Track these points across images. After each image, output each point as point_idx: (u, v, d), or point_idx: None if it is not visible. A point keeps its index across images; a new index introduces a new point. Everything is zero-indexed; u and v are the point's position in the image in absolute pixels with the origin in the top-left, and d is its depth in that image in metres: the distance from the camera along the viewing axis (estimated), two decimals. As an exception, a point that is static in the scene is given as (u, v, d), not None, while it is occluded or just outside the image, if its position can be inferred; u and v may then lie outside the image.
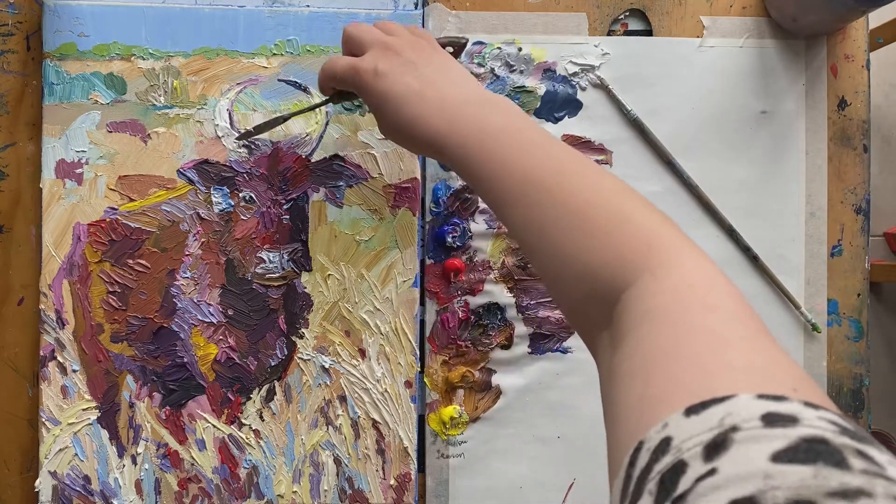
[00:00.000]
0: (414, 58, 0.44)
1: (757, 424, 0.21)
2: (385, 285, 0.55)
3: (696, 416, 0.23)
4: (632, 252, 0.32)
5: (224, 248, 0.55)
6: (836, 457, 0.20)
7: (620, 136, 0.57)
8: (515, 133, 0.40)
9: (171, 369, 0.54)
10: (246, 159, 0.55)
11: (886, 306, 1.44)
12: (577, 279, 0.34)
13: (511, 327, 0.56)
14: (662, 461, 0.22)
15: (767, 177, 0.58)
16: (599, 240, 0.34)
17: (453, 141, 0.41)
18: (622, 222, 0.34)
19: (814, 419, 0.22)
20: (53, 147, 0.54)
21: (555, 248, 0.35)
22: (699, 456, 0.21)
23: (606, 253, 0.33)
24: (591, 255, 0.34)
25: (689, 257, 0.32)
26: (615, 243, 0.33)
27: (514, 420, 0.56)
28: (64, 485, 0.54)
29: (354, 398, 0.55)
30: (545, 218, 0.36)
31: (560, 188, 0.36)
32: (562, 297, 0.37)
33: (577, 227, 0.34)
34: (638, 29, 0.58)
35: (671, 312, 0.29)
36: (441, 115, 0.42)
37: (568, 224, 0.35)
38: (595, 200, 0.35)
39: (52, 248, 0.54)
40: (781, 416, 0.22)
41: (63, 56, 0.54)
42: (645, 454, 0.24)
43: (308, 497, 0.55)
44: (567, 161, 0.38)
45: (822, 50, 0.58)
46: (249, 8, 0.55)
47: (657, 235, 0.33)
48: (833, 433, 0.21)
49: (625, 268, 0.32)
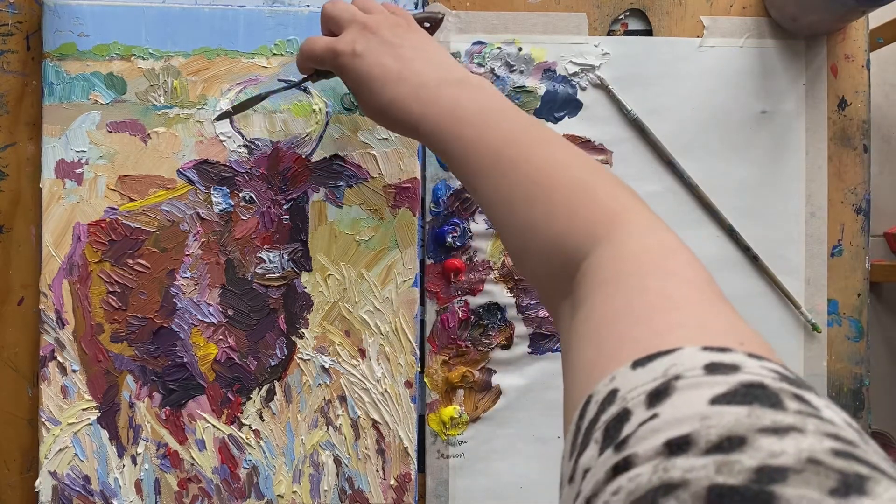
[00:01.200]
0: (391, 37, 0.44)
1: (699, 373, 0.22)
2: (385, 285, 0.55)
3: (641, 368, 0.23)
4: (594, 222, 0.33)
5: (224, 248, 0.55)
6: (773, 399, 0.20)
7: (620, 136, 0.57)
8: (487, 110, 0.40)
9: (171, 369, 0.54)
10: (246, 159, 0.55)
11: (886, 306, 1.44)
12: (542, 250, 0.35)
13: (511, 327, 0.56)
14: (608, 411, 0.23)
15: (767, 177, 0.58)
16: (563, 211, 0.34)
17: (429, 122, 0.41)
18: (586, 193, 0.34)
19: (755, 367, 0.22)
20: (53, 147, 0.54)
21: (522, 220, 0.36)
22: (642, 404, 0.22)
23: (569, 223, 0.34)
24: (555, 226, 0.34)
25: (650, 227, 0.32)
26: (578, 213, 0.34)
27: (514, 420, 0.56)
28: (64, 485, 0.54)
29: (354, 398, 0.55)
30: (513, 191, 0.36)
31: (527, 162, 0.37)
32: (528, 269, 0.37)
33: (543, 198, 0.35)
34: (638, 29, 0.58)
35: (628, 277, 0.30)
36: (417, 96, 0.42)
37: (534, 196, 0.35)
38: (561, 173, 0.36)
39: (52, 248, 0.54)
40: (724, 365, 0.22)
41: (63, 56, 0.54)
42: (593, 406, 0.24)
43: (308, 497, 0.55)
44: (536, 136, 0.38)
45: (822, 50, 0.58)
46: (249, 8, 0.55)
47: (620, 206, 0.34)
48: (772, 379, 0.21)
49: (586, 237, 0.33)
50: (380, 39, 0.44)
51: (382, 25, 0.45)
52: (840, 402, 0.58)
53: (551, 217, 0.34)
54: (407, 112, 0.42)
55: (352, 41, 0.44)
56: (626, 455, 0.20)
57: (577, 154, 0.37)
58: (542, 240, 0.35)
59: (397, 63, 0.43)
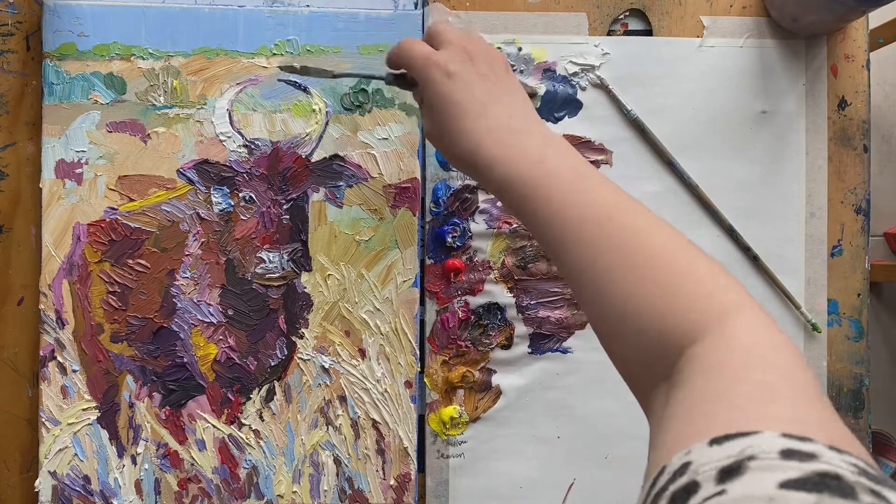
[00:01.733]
0: (487, 71, 0.44)
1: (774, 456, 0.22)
2: (385, 285, 0.55)
3: (718, 445, 0.24)
4: (706, 311, 0.32)
5: (224, 248, 0.55)
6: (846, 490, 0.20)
7: (620, 136, 0.57)
8: (582, 175, 0.39)
9: (170, 369, 0.54)
10: (246, 159, 0.55)
11: (886, 306, 1.44)
12: (643, 329, 0.34)
13: (511, 327, 0.56)
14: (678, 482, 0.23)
15: (767, 177, 0.58)
16: (671, 294, 0.33)
17: (506, 169, 0.40)
18: (698, 279, 0.34)
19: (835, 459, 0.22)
20: (53, 147, 0.54)
21: (622, 296, 0.34)
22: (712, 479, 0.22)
23: (680, 307, 0.33)
24: (661, 309, 0.33)
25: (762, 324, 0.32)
26: (691, 299, 0.33)
27: (514, 420, 0.56)
28: (64, 485, 0.54)
29: (354, 398, 0.55)
30: (611, 262, 0.35)
31: (630, 233, 0.35)
32: (621, 347, 0.36)
33: (650, 276, 0.34)
34: (638, 29, 0.58)
35: (733, 366, 0.30)
36: (497, 138, 0.41)
37: (638, 272, 0.34)
38: (669, 251, 0.35)
39: (52, 248, 0.54)
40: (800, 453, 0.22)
41: (63, 56, 0.54)
42: (665, 476, 0.24)
43: (308, 497, 0.55)
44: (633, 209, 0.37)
45: (822, 50, 0.58)
46: (249, 8, 0.55)
47: (734, 297, 0.33)
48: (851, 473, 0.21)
49: (697, 324, 0.32)
50: (476, 69, 0.43)
51: (483, 58, 0.44)
52: (840, 402, 0.58)
53: (656, 298, 0.33)
54: (482, 148, 0.41)
55: (449, 60, 0.43)
56: None
57: (680, 234, 0.36)
58: (644, 319, 0.34)
59: (485, 97, 0.43)
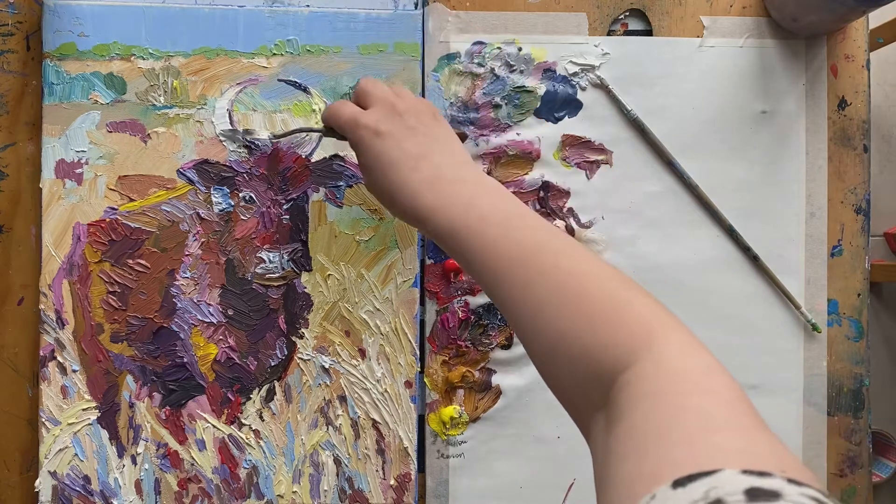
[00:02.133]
0: (416, 123, 0.45)
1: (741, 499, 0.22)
2: (385, 285, 0.55)
3: (682, 488, 0.24)
4: (632, 336, 0.33)
5: (224, 248, 0.55)
6: None
7: (620, 136, 0.57)
8: (510, 214, 0.40)
9: (170, 369, 0.54)
10: (246, 159, 0.55)
11: (886, 306, 1.44)
12: (575, 360, 0.34)
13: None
14: None
15: (767, 177, 0.58)
16: (600, 322, 0.34)
17: (442, 216, 0.41)
18: (623, 306, 0.35)
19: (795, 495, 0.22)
20: (53, 147, 0.54)
21: (552, 328, 0.35)
22: None
23: (607, 335, 0.34)
24: (591, 337, 0.34)
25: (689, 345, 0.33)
26: (616, 326, 0.34)
27: (514, 420, 0.56)
28: (64, 485, 0.54)
29: (354, 398, 0.55)
30: (543, 298, 0.36)
31: (557, 270, 0.37)
32: (556, 377, 0.37)
33: (577, 309, 0.35)
34: (638, 29, 0.58)
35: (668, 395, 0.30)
36: (432, 187, 0.43)
37: (567, 306, 0.35)
38: (594, 283, 0.36)
39: (52, 248, 0.54)
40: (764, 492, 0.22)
41: (63, 56, 0.54)
42: None
43: (308, 497, 0.55)
44: (564, 245, 0.38)
45: (822, 50, 0.58)
46: (249, 8, 0.55)
47: (658, 322, 0.34)
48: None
49: (625, 350, 0.33)
50: (404, 124, 0.45)
51: (410, 111, 0.45)
52: (840, 402, 0.58)
53: (586, 328, 0.34)
54: (419, 200, 0.42)
55: (376, 120, 0.45)
56: None
57: (606, 266, 0.37)
58: (574, 349, 0.34)
59: (416, 149, 0.44)
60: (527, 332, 0.37)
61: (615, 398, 0.32)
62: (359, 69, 0.55)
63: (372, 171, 0.45)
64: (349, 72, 0.55)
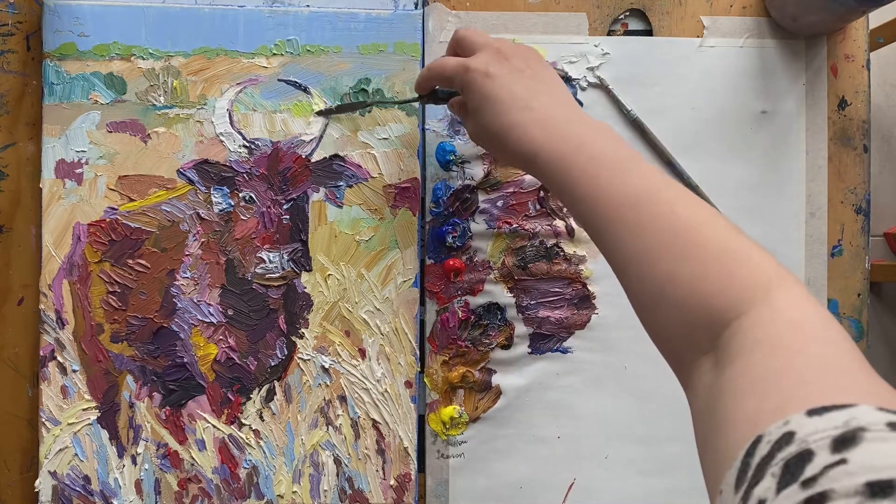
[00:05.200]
0: (524, 66, 0.45)
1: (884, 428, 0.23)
2: (385, 285, 0.55)
3: (818, 416, 0.24)
4: (749, 284, 0.33)
5: (224, 248, 0.55)
6: None
7: (620, 136, 0.57)
8: (622, 157, 0.40)
9: (171, 369, 0.54)
10: (246, 159, 0.55)
11: (886, 306, 1.44)
12: (684, 304, 0.34)
13: (511, 327, 0.56)
14: (786, 450, 0.24)
15: (767, 177, 0.58)
16: (715, 269, 0.34)
17: (552, 154, 0.41)
18: (739, 254, 0.35)
19: None
20: (53, 147, 0.54)
21: (662, 272, 0.35)
22: (827, 447, 0.23)
23: (722, 281, 0.34)
24: (704, 282, 0.34)
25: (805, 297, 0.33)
26: (732, 274, 0.34)
27: (514, 420, 0.56)
28: (64, 485, 0.54)
29: (354, 398, 0.55)
30: (653, 242, 0.36)
31: (673, 215, 0.36)
32: (660, 322, 0.36)
33: (691, 253, 0.35)
34: (638, 29, 0.58)
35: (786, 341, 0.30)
36: (543, 127, 0.43)
37: (680, 250, 0.35)
38: (710, 231, 0.36)
39: (52, 248, 0.54)
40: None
41: (63, 56, 0.54)
42: (765, 445, 0.25)
43: (308, 497, 0.55)
44: (676, 190, 0.38)
45: (822, 50, 0.58)
46: (249, 8, 0.55)
47: (776, 272, 0.34)
48: None
49: (740, 297, 0.33)
50: (512, 66, 0.45)
51: (516, 54, 0.46)
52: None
53: (700, 273, 0.34)
54: (529, 138, 0.43)
55: (485, 62, 0.45)
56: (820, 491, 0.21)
57: (719, 214, 0.37)
58: (685, 294, 0.34)
59: (526, 91, 0.44)
60: (633, 275, 0.37)
61: (727, 342, 0.32)
62: (359, 69, 0.55)
63: (483, 113, 0.45)
64: (349, 72, 0.55)
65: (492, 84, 0.45)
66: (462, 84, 0.46)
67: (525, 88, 0.44)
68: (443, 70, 0.48)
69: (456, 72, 0.46)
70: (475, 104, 0.46)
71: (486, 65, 0.45)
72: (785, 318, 0.31)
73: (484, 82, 0.45)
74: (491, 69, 0.45)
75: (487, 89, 0.45)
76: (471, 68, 0.45)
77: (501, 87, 0.44)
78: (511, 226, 0.56)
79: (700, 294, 0.34)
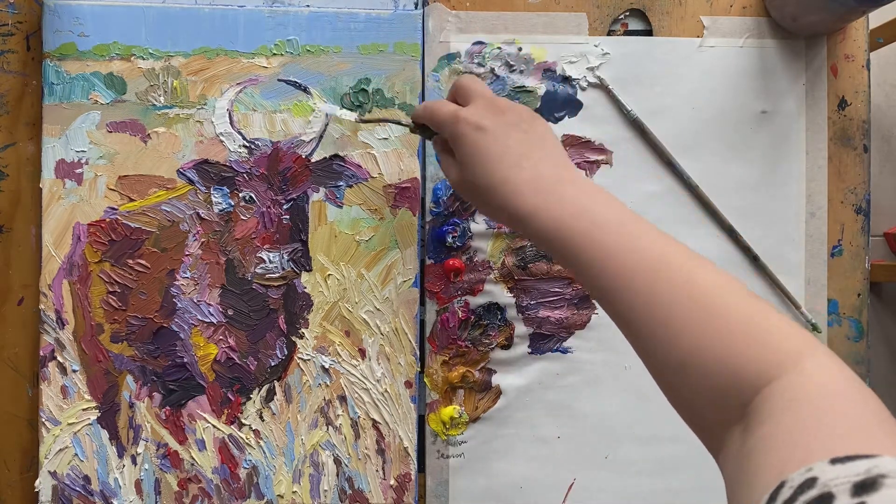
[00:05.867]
0: (517, 121, 0.44)
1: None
2: (385, 285, 0.55)
3: (841, 464, 0.25)
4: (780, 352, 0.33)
5: (224, 248, 0.55)
6: None
7: (620, 136, 0.57)
8: (624, 221, 0.39)
9: (171, 369, 0.54)
10: (246, 159, 0.55)
11: (886, 306, 1.44)
12: (713, 376, 0.34)
13: (511, 327, 0.56)
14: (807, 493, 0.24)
15: (767, 177, 0.58)
16: (742, 339, 0.34)
17: (545, 219, 0.40)
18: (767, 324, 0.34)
19: None
20: (53, 147, 0.54)
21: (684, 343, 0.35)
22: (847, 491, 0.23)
23: (752, 351, 0.33)
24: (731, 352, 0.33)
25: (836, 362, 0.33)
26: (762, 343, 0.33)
27: (514, 420, 0.56)
28: (64, 485, 0.54)
29: (354, 398, 0.55)
30: (671, 312, 0.35)
31: (690, 284, 0.36)
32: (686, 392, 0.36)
33: (717, 325, 0.34)
34: (638, 29, 0.58)
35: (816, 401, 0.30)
36: (534, 189, 0.41)
37: (705, 322, 0.34)
38: (731, 299, 0.35)
39: (52, 248, 0.54)
40: None
41: (63, 56, 0.54)
42: (787, 490, 0.25)
43: (308, 497, 0.55)
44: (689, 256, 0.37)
45: (822, 50, 0.58)
46: (249, 8, 0.55)
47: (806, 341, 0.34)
48: None
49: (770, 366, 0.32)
50: (506, 121, 0.44)
51: (511, 109, 0.45)
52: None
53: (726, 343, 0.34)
54: (521, 199, 0.41)
55: (478, 114, 0.44)
56: None
57: (733, 278, 0.37)
58: (713, 366, 0.34)
59: (518, 147, 0.43)
60: (651, 345, 0.36)
61: (757, 408, 0.32)
62: (359, 69, 0.55)
63: (472, 167, 0.44)
64: (349, 72, 0.55)
65: (483, 138, 0.43)
66: (452, 134, 0.45)
67: (517, 143, 0.43)
68: (435, 115, 0.46)
69: (447, 120, 0.45)
70: (463, 156, 0.44)
71: (479, 117, 0.44)
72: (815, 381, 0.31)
73: (475, 136, 0.43)
74: (483, 122, 0.44)
75: (478, 143, 0.43)
76: (461, 119, 0.44)
77: (493, 141, 0.43)
78: (511, 226, 0.56)
79: (729, 364, 0.33)
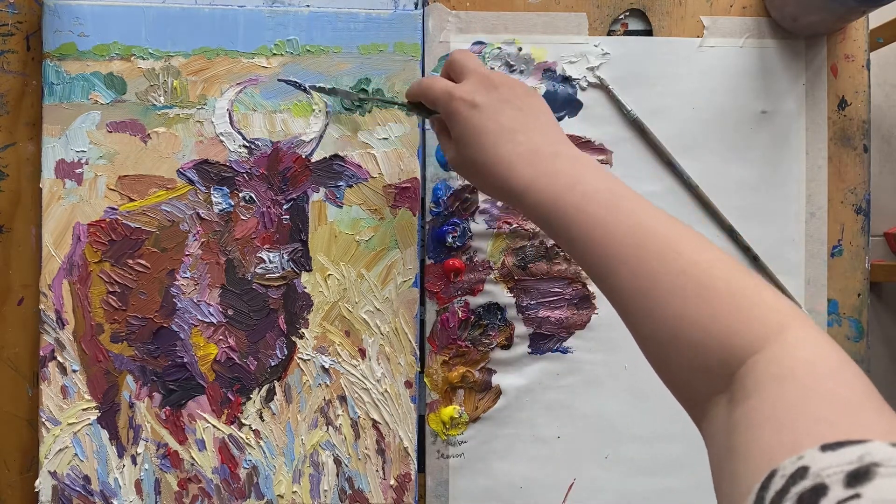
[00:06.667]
0: (511, 97, 0.44)
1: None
2: (385, 285, 0.55)
3: (832, 451, 0.24)
4: (765, 322, 0.33)
5: (224, 248, 0.55)
6: None
7: (620, 136, 0.57)
8: (617, 194, 0.39)
9: (171, 369, 0.54)
10: (246, 159, 0.55)
11: (886, 306, 1.44)
12: (699, 345, 0.34)
13: (511, 327, 0.56)
14: (800, 484, 0.24)
15: (767, 177, 0.58)
16: (728, 310, 0.34)
17: (541, 191, 0.40)
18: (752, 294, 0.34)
19: None
20: (53, 147, 0.54)
21: (671, 314, 0.35)
22: (840, 482, 0.23)
23: (736, 323, 0.33)
24: (720, 323, 0.34)
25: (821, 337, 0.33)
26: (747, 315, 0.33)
27: (514, 420, 0.56)
28: (64, 485, 0.54)
29: (354, 398, 0.55)
30: (662, 282, 0.35)
31: (679, 255, 0.36)
32: (672, 362, 0.36)
33: (704, 295, 0.34)
34: (638, 29, 0.58)
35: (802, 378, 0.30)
36: (529, 163, 0.41)
37: (692, 291, 0.35)
38: (719, 271, 0.35)
39: (52, 248, 0.54)
40: None
41: (63, 56, 0.54)
42: (779, 479, 0.25)
43: (308, 497, 0.55)
44: (679, 229, 0.37)
45: (822, 50, 0.58)
46: (249, 8, 0.55)
47: (790, 311, 0.34)
48: None
49: (755, 337, 0.33)
50: (499, 96, 0.44)
51: (504, 84, 0.44)
52: (840, 402, 0.58)
53: (712, 314, 0.34)
54: (516, 173, 0.41)
55: (472, 91, 0.44)
56: None
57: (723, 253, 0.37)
58: (699, 335, 0.34)
59: (513, 122, 0.43)
60: (638, 316, 0.37)
61: (741, 379, 0.32)
62: (359, 69, 0.55)
63: (467, 145, 0.43)
64: (349, 72, 0.55)
65: (478, 115, 0.43)
66: (446, 112, 0.45)
67: (511, 119, 0.43)
68: (428, 91, 0.46)
69: (440, 97, 0.45)
70: (458, 134, 0.44)
71: (473, 94, 0.44)
72: (800, 355, 0.31)
73: (469, 112, 0.43)
74: (477, 98, 0.43)
75: (473, 120, 0.43)
76: (456, 96, 0.44)
77: (488, 118, 0.43)
78: (511, 226, 0.56)
79: (715, 335, 0.34)
